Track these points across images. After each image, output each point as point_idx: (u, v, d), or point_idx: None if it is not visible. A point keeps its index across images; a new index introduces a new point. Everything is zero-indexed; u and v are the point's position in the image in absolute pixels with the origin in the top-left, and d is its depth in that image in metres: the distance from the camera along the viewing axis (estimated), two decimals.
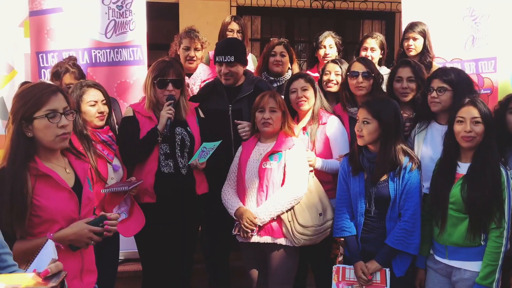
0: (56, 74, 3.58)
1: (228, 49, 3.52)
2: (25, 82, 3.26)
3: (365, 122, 2.87)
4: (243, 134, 3.38)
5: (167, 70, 3.22)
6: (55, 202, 2.01)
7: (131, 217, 3.08)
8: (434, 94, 3.07)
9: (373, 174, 2.87)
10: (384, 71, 4.23)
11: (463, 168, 2.72)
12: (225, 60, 3.46)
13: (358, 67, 3.48)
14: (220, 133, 3.36)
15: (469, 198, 2.60)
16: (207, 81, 4.07)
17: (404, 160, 2.85)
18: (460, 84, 3.06)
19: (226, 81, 3.53)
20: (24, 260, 1.89)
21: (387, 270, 2.86)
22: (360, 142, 2.91)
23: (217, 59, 3.52)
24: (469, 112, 2.67)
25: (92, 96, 3.06)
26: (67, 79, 3.56)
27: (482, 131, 2.64)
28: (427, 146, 3.14)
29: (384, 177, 2.87)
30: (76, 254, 2.08)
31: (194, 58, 4.24)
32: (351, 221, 2.97)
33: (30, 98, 1.98)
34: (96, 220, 2.05)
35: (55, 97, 2.02)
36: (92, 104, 3.05)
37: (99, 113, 3.06)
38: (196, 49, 4.24)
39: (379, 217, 2.89)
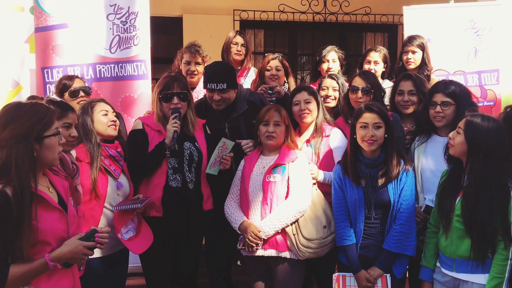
0: (64, 87, 3.61)
1: (220, 76, 3.42)
2: (33, 97, 3.28)
3: (376, 127, 2.91)
4: (248, 150, 3.38)
5: (171, 84, 3.25)
6: (48, 223, 1.98)
7: (139, 234, 3.08)
8: (438, 109, 3.09)
9: (374, 180, 2.90)
10: (387, 84, 4.26)
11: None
12: (218, 88, 3.40)
13: (358, 82, 3.52)
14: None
15: (466, 217, 2.57)
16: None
17: (402, 163, 2.91)
18: (462, 97, 3.08)
19: (218, 107, 3.49)
20: (20, 284, 1.91)
21: (388, 276, 2.88)
22: (371, 147, 2.92)
23: (208, 86, 3.43)
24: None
25: (103, 106, 3.11)
26: (78, 83, 3.65)
27: None
28: (427, 158, 3.16)
29: (382, 182, 2.90)
30: (69, 274, 2.09)
31: (195, 72, 4.29)
32: (350, 228, 2.98)
33: (41, 117, 1.98)
34: (87, 235, 2.08)
35: (55, 116, 2.06)
36: (104, 113, 3.08)
37: (111, 121, 3.09)
38: (197, 63, 4.29)
39: (380, 222, 2.92)
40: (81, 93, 3.62)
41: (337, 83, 3.79)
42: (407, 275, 3.18)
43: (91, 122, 3.04)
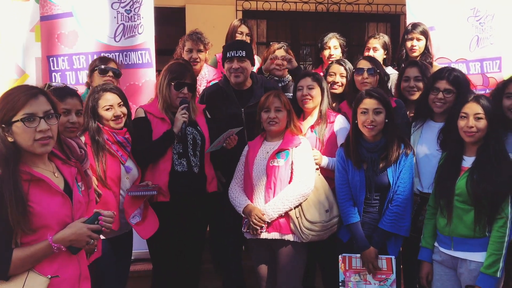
0: (96, 67, 3.71)
1: (239, 45, 3.63)
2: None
3: (376, 112, 2.96)
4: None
5: (185, 73, 3.30)
6: (49, 208, 1.95)
7: (145, 220, 3.13)
8: (440, 95, 3.14)
9: (375, 164, 2.97)
10: (389, 71, 4.28)
11: (468, 161, 2.77)
12: (237, 55, 3.53)
13: (364, 64, 3.57)
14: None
15: (474, 190, 2.65)
16: (212, 82, 4.12)
17: (402, 147, 2.98)
18: (463, 85, 3.14)
19: (236, 79, 3.57)
20: (24, 268, 1.89)
21: (393, 258, 2.95)
22: (371, 133, 2.99)
23: (228, 54, 3.57)
24: (472, 108, 2.74)
25: (107, 100, 3.10)
26: (112, 65, 3.75)
27: (484, 126, 2.70)
28: (422, 144, 3.21)
29: (382, 165, 2.97)
30: (74, 261, 2.04)
31: (198, 60, 4.30)
32: (355, 207, 3.05)
33: (8, 102, 1.91)
34: (91, 218, 2.04)
35: (35, 100, 1.94)
36: (107, 108, 3.09)
37: (114, 116, 3.10)
38: (199, 51, 4.30)
39: (378, 204, 3.01)
40: (110, 73, 3.69)
41: (345, 69, 3.82)
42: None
43: (95, 111, 3.07)
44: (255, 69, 4.50)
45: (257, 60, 4.65)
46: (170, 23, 7.18)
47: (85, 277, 2.11)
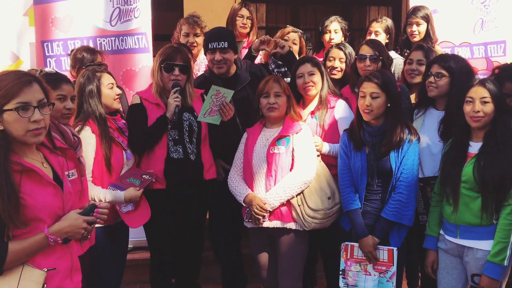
0: (83, 60, 3.54)
1: (221, 36, 3.48)
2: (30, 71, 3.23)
3: (374, 97, 2.88)
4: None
5: (174, 55, 3.22)
6: (41, 199, 1.87)
7: (137, 209, 3.07)
8: (431, 79, 3.10)
9: (377, 148, 2.90)
10: (392, 55, 4.19)
11: (474, 147, 2.70)
12: (219, 46, 3.42)
13: (366, 50, 3.47)
14: (225, 123, 3.32)
15: (481, 176, 2.59)
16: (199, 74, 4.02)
17: (406, 132, 2.90)
18: (459, 71, 3.06)
19: (219, 70, 3.49)
20: (20, 261, 1.83)
21: (395, 249, 2.88)
22: (367, 117, 2.92)
23: (209, 46, 3.46)
24: (478, 92, 2.67)
25: (109, 79, 3.07)
26: (100, 58, 3.61)
27: (491, 110, 2.63)
28: (423, 131, 3.15)
29: (384, 150, 2.90)
30: (66, 253, 2.00)
31: (195, 44, 4.21)
32: (356, 194, 2.99)
33: (0, 89, 1.81)
34: (86, 210, 2.00)
35: (29, 88, 1.84)
36: (110, 87, 3.05)
37: (117, 95, 3.07)
38: (196, 35, 4.21)
39: (381, 190, 2.93)
40: None
41: (345, 53, 3.73)
42: None
43: (98, 93, 2.99)
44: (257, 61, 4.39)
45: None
46: (168, 8, 7.06)
47: (76, 268, 2.06)
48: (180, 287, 3.58)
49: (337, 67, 3.75)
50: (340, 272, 2.98)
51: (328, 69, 3.72)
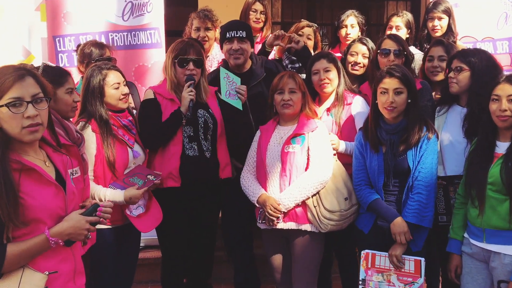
0: (91, 54, 3.50)
1: (239, 25, 3.48)
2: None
3: (397, 92, 2.78)
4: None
5: (187, 49, 3.16)
6: (41, 199, 1.80)
7: (148, 211, 3.01)
8: (451, 74, 3.00)
9: (395, 147, 2.79)
10: (413, 51, 4.07)
11: (501, 147, 2.57)
12: (237, 35, 3.38)
13: (390, 44, 3.36)
14: (238, 119, 3.28)
15: (509, 178, 2.46)
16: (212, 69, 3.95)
17: (424, 130, 2.79)
18: (480, 65, 2.93)
19: (236, 61, 3.42)
20: (19, 264, 1.77)
21: (423, 260, 2.75)
22: (391, 114, 2.80)
23: (227, 35, 3.42)
24: (505, 89, 2.53)
25: (114, 78, 2.97)
26: (108, 53, 3.56)
27: None
28: (446, 129, 3.05)
29: (402, 149, 2.79)
30: (69, 255, 1.94)
31: (206, 39, 4.12)
32: (372, 189, 2.89)
33: None
34: (89, 210, 1.94)
35: (21, 82, 1.77)
36: (116, 87, 2.97)
37: (122, 95, 2.99)
38: (207, 29, 4.13)
39: (398, 190, 2.82)
40: None
41: (368, 48, 3.62)
42: None
43: (100, 94, 2.91)
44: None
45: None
46: (182, 3, 7.00)
47: (79, 271, 2.01)
48: (191, 287, 3.52)
49: (359, 63, 3.63)
50: (360, 282, 2.83)
51: (350, 64, 3.61)
